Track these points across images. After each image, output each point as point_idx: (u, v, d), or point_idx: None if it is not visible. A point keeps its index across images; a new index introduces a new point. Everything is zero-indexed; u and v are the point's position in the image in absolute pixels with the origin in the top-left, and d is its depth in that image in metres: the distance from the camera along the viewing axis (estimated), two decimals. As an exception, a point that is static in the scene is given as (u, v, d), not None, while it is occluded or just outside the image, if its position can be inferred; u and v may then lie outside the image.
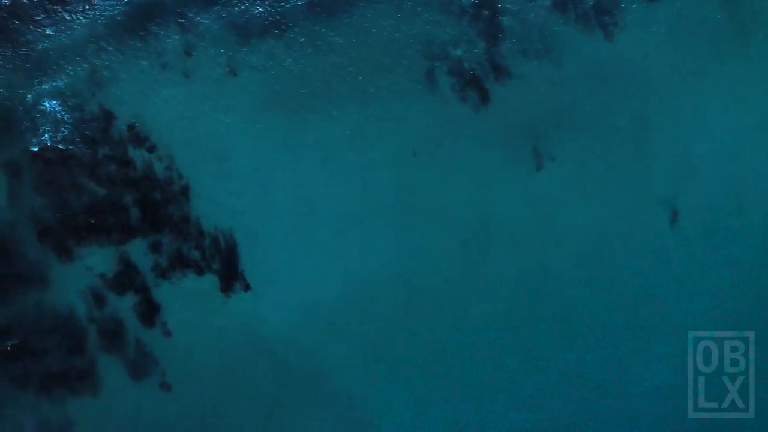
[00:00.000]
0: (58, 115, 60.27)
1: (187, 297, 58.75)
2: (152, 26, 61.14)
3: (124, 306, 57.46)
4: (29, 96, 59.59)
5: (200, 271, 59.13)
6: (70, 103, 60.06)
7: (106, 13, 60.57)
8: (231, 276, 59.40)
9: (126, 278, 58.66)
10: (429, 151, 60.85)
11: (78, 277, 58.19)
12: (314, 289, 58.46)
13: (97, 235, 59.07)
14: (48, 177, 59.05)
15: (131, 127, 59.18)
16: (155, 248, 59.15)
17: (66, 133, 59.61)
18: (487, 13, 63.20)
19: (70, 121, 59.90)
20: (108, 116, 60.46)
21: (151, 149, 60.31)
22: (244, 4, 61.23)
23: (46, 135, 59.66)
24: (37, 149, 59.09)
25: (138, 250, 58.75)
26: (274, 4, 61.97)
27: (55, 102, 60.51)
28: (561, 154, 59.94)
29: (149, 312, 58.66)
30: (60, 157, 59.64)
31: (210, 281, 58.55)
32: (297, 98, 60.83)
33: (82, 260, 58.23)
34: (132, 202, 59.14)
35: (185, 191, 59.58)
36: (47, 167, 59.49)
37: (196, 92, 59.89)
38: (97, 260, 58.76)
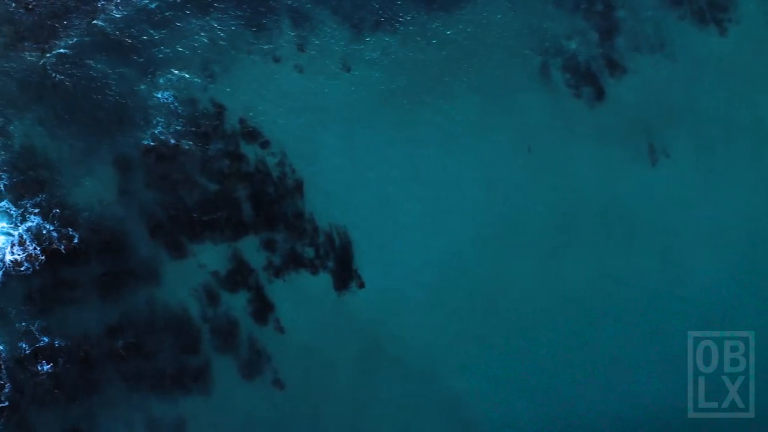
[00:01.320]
0: (171, 106, 57.05)
1: (300, 295, 55.11)
2: (265, 21, 58.39)
3: (237, 304, 54.91)
4: (142, 89, 56.96)
5: (314, 269, 55.55)
6: (182, 98, 57.25)
7: (218, 6, 57.75)
8: (345, 274, 55.94)
9: (239, 276, 55.19)
10: (543, 146, 58.50)
11: (190, 274, 55.05)
12: (431, 287, 55.45)
13: (209, 231, 55.51)
14: (160, 172, 55.92)
15: (244, 121, 57.54)
16: (269, 246, 55.86)
17: (179, 126, 56.81)
18: (600, 7, 61.19)
19: (183, 114, 56.94)
20: (220, 111, 57.44)
21: (265, 144, 57.20)
22: (353, 1, 58.67)
23: (159, 127, 56.40)
24: (151, 143, 56.17)
25: (251, 247, 55.81)
26: (385, 1, 58.85)
27: (168, 93, 57.18)
28: (676, 150, 58.75)
29: (262, 310, 54.89)
30: (172, 151, 56.57)
31: (324, 279, 55.68)
32: (411, 93, 58.13)
33: (195, 257, 55.34)
34: (245, 198, 56.14)
35: (299, 187, 56.40)
36: (159, 162, 56.30)
37: (309, 87, 57.93)
38: (209, 257, 55.39)
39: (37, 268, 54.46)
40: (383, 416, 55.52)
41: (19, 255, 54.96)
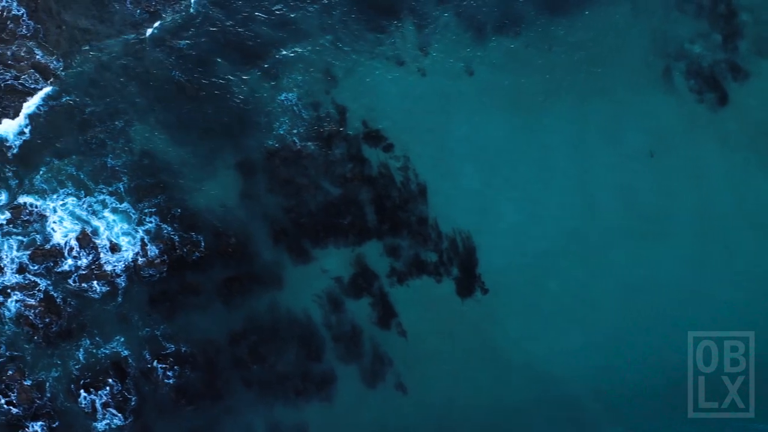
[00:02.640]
0: (294, 108, 53.84)
1: (424, 301, 51.60)
2: (388, 24, 55.23)
3: (360, 310, 51.50)
4: (265, 91, 53.99)
5: (438, 275, 52.14)
6: (305, 100, 54.14)
7: (341, 8, 55.38)
8: (469, 280, 52.34)
9: (362, 281, 52.17)
10: (667, 151, 54.54)
11: (313, 280, 51.58)
12: (554, 295, 52.33)
13: (332, 236, 52.32)
14: (283, 176, 52.75)
15: (366, 125, 54.15)
16: (392, 251, 52.33)
17: (302, 129, 53.61)
18: (723, 10, 57.21)
19: (306, 117, 53.79)
20: (343, 114, 54.11)
21: (388, 148, 53.78)
22: (478, 2, 55.68)
23: (282, 130, 53.34)
24: (274, 146, 53.27)
25: (374, 252, 52.19)
26: (509, 2, 55.91)
27: (292, 95, 54.17)
28: (804, 157, 55.35)
29: (385, 316, 51.66)
30: (295, 155, 53.18)
31: (448, 285, 51.91)
32: (534, 96, 54.77)
33: (318, 262, 51.81)
34: (368, 202, 52.78)
35: (423, 191, 52.90)
36: (282, 166, 52.90)
37: (432, 90, 54.52)
38: (332, 262, 51.72)
39: (160, 272, 52.29)
40: (507, 420, 53.25)
41: (141, 259, 52.64)
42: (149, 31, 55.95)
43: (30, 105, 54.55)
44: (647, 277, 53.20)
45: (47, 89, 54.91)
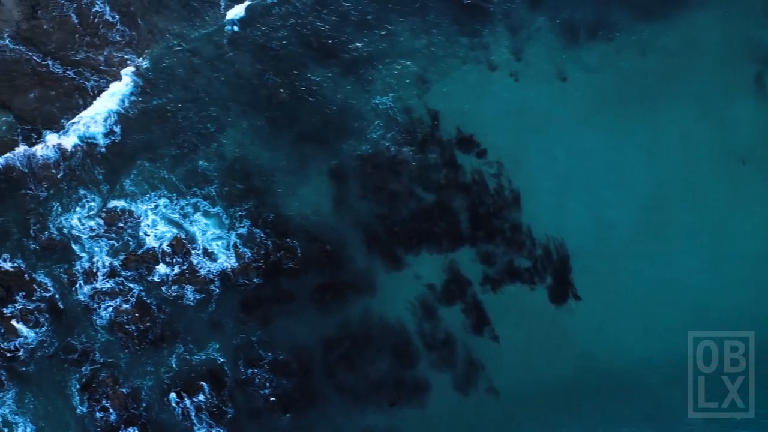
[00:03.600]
0: (389, 112, 52.04)
1: (517, 308, 50.20)
2: (481, 28, 53.08)
3: (453, 316, 49.85)
4: (358, 96, 52.34)
5: (531, 282, 50.39)
6: (398, 105, 52.35)
7: (433, 13, 53.59)
8: (562, 287, 50.59)
9: (455, 288, 50.29)
10: (759, 158, 52.60)
11: (406, 286, 49.71)
12: (650, 306, 50.49)
13: (425, 242, 50.35)
14: (376, 182, 50.97)
15: (459, 130, 51.92)
16: (486, 258, 50.32)
17: (395, 134, 51.88)
18: None
19: (400, 121, 51.93)
20: (435, 119, 51.88)
21: (481, 154, 51.41)
22: (571, 7, 53.75)
23: (375, 135, 51.68)
24: (367, 152, 51.71)
25: (467, 259, 50.07)
26: (602, 8, 53.89)
27: (387, 98, 52.47)
28: None
29: (478, 322, 50.06)
30: (389, 160, 51.26)
31: (541, 292, 50.42)
32: (626, 101, 52.56)
33: (411, 268, 49.70)
34: (462, 209, 50.52)
35: (516, 198, 50.74)
36: (375, 171, 51.02)
37: (524, 95, 52.20)
38: (425, 269, 49.66)
39: (254, 278, 50.71)
40: (597, 425, 52.31)
41: (234, 265, 51.01)
42: (240, 35, 54.27)
43: (121, 108, 52.98)
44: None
45: (138, 92, 53.36)
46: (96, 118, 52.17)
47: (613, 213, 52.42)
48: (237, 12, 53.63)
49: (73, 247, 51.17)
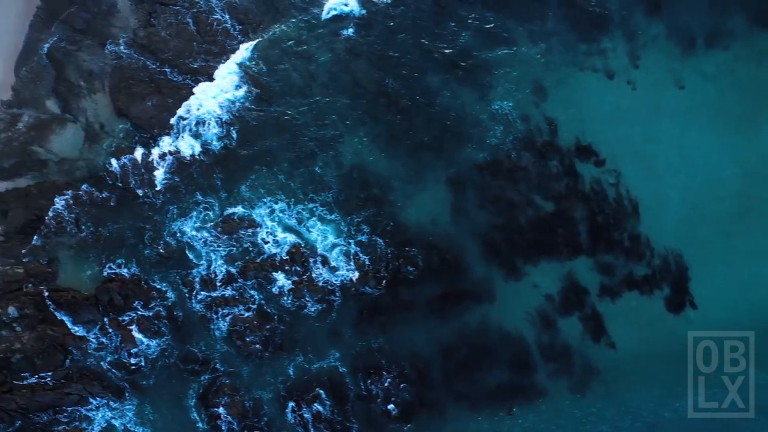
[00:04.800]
0: (507, 119, 50.30)
1: (634, 317, 50.08)
2: (598, 35, 51.14)
3: (570, 324, 50.07)
4: (476, 104, 50.53)
5: (649, 292, 49.26)
6: (515, 113, 50.61)
7: (553, 20, 51.90)
8: (679, 297, 50.66)
9: (573, 296, 49.19)
10: None
11: (524, 295, 50.25)
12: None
13: (543, 252, 48.77)
14: (494, 190, 49.20)
15: (577, 139, 50.00)
16: (604, 268, 48.79)
17: (513, 142, 50.04)
18: None
19: (517, 129, 50.24)
20: (553, 127, 49.91)
21: (599, 163, 49.51)
22: (688, 15, 51.86)
23: (493, 142, 49.84)
24: (485, 159, 50.49)
25: (585, 268, 48.62)
26: (719, 16, 52.24)
27: (506, 103, 50.78)
28: None
29: (596, 330, 50.12)
30: (506, 169, 49.35)
31: (658, 302, 50.42)
32: (745, 110, 50.77)
33: (529, 277, 47.92)
34: (580, 219, 48.66)
35: (635, 208, 48.95)
36: (493, 179, 49.17)
37: (642, 103, 50.21)
38: (543, 278, 50.36)
39: (373, 287, 49.21)
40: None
41: (353, 273, 49.26)
42: (358, 42, 52.64)
43: (237, 114, 51.39)
44: None
45: (254, 99, 51.86)
46: (212, 124, 50.96)
47: (730, 224, 50.94)
48: (353, 20, 52.31)
49: (190, 254, 49.53)
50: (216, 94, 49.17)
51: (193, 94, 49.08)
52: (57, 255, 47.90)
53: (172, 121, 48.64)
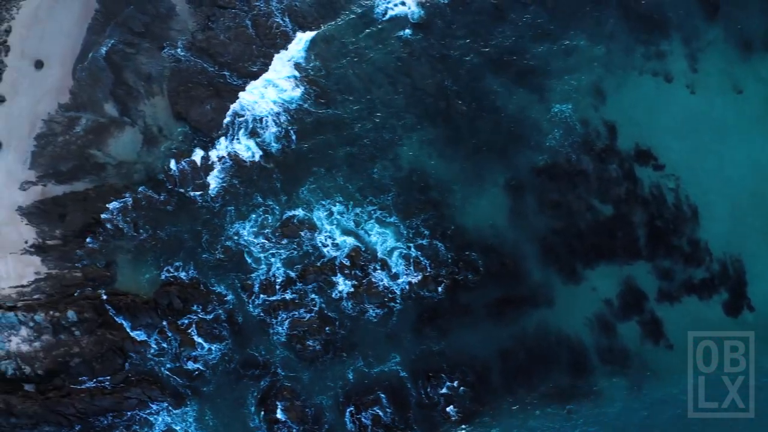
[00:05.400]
0: (567, 121, 49.18)
1: (692, 322, 49.19)
2: (657, 39, 50.13)
3: (627, 329, 49.40)
4: (535, 108, 49.67)
5: (707, 297, 49.72)
6: (574, 116, 49.54)
7: (612, 23, 51.08)
8: (737, 302, 50.01)
9: (631, 301, 49.66)
10: None
11: (582, 300, 49.35)
12: None
13: (602, 257, 49.31)
14: (552, 194, 48.17)
15: (636, 143, 48.67)
16: (663, 273, 48.03)
17: (572, 145, 48.97)
18: None
19: (576, 132, 48.95)
20: (612, 131, 48.82)
21: (658, 168, 48.12)
22: (746, 18, 51.11)
23: (552, 144, 48.77)
24: (543, 163, 49.63)
25: (644, 273, 49.68)
26: None
27: (565, 106, 49.69)
28: None
29: (653, 335, 49.52)
30: (565, 172, 47.97)
31: (715, 306, 49.86)
32: None
33: (587, 282, 47.05)
34: (639, 223, 47.66)
35: (695, 213, 47.95)
36: (552, 183, 47.91)
37: (701, 108, 49.32)
38: (602, 283, 49.44)
39: (432, 291, 48.58)
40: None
41: (413, 277, 48.50)
42: (416, 44, 51.74)
43: (297, 117, 50.50)
44: None
45: (313, 101, 51.15)
46: (271, 127, 50.42)
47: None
48: (411, 22, 51.79)
49: (249, 257, 48.49)
50: (274, 98, 48.39)
51: (251, 96, 47.97)
52: (114, 258, 46.99)
53: (230, 124, 47.66)
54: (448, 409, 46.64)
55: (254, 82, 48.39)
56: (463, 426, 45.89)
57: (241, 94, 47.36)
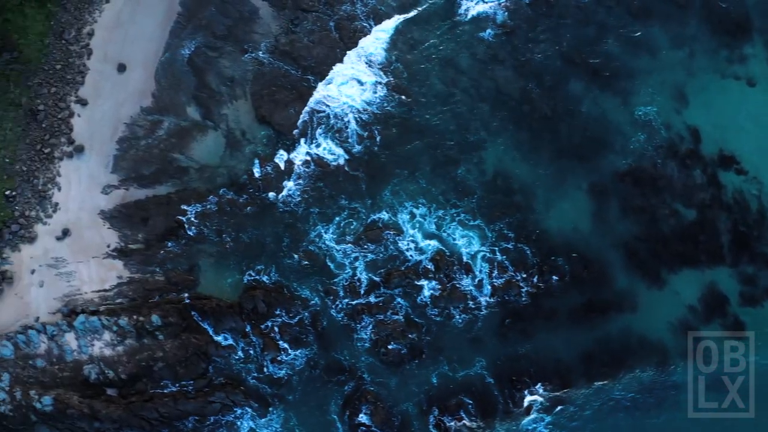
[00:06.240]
0: (651, 125, 47.74)
1: None
2: (739, 42, 49.51)
3: (711, 332, 48.26)
4: (618, 112, 48.92)
5: None
6: (658, 120, 48.48)
7: (694, 26, 50.35)
8: None
9: (714, 307, 48.92)
10: None
11: (665, 304, 48.52)
12: None
13: (686, 262, 48.90)
14: (636, 198, 46.84)
15: (719, 147, 47.30)
16: (747, 279, 48.76)
17: (655, 149, 47.95)
18: None
19: (659, 136, 48.19)
20: (695, 135, 47.45)
21: (742, 172, 46.87)
22: None
23: (635, 147, 48.85)
24: (626, 167, 48.85)
25: (727, 279, 49.01)
26: None
27: (649, 108, 48.73)
28: None
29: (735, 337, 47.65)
30: (648, 176, 46.53)
31: None
32: None
33: (670, 287, 48.25)
34: (723, 229, 48.77)
35: None
36: (635, 187, 46.58)
37: None
38: (685, 288, 48.92)
39: (518, 294, 47.90)
40: None
41: (497, 281, 47.69)
42: (500, 48, 51.17)
43: (379, 120, 49.76)
44: None
45: (396, 104, 50.20)
46: (354, 129, 49.78)
47: None
48: (494, 25, 51.16)
49: (332, 261, 46.88)
50: (357, 100, 47.39)
51: (334, 100, 47.41)
52: (197, 262, 45.98)
53: (314, 126, 47.08)
54: (531, 412, 45.38)
55: (336, 83, 46.46)
56: (547, 429, 44.60)
57: (323, 96, 46.13)
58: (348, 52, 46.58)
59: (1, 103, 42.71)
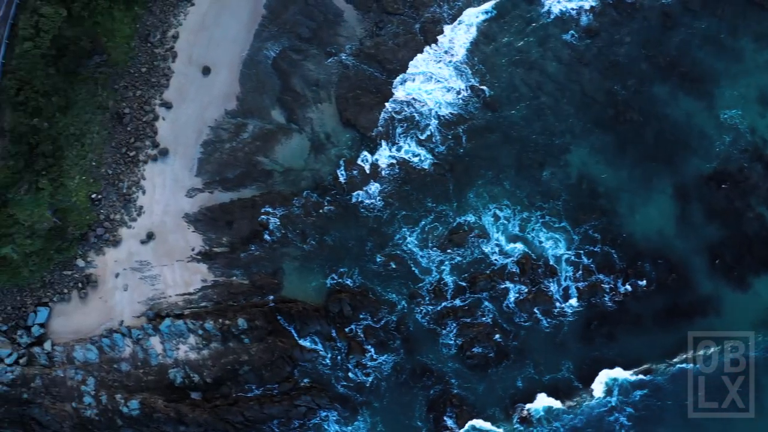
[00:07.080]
0: (734, 130, 47.27)
1: None
2: None
3: None
4: (701, 115, 48.31)
5: None
6: (743, 124, 48.21)
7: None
8: None
9: None
10: None
11: (750, 309, 47.81)
12: None
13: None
14: (720, 202, 45.83)
15: None
16: None
17: (740, 153, 48.06)
18: None
19: (746, 140, 48.06)
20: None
21: None
22: None
23: (721, 153, 47.46)
24: (711, 170, 47.97)
25: None
26: None
27: (731, 116, 48.25)
28: None
29: None
30: (734, 180, 45.73)
31: None
32: None
33: (755, 291, 47.37)
34: None
35: None
36: (720, 191, 45.57)
37: None
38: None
39: (603, 298, 47.37)
40: None
41: (582, 284, 47.25)
42: (585, 51, 50.15)
43: (466, 122, 48.79)
44: None
45: (481, 106, 49.26)
46: (438, 132, 49.17)
47: None
48: (578, 28, 50.56)
49: (417, 265, 46.47)
50: (441, 102, 47.00)
51: (419, 101, 46.95)
52: (281, 265, 45.20)
53: (399, 129, 46.61)
54: (620, 418, 44.76)
55: (421, 85, 45.95)
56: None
57: (407, 98, 45.51)
58: (432, 54, 44.76)
59: (89, 107, 41.38)
